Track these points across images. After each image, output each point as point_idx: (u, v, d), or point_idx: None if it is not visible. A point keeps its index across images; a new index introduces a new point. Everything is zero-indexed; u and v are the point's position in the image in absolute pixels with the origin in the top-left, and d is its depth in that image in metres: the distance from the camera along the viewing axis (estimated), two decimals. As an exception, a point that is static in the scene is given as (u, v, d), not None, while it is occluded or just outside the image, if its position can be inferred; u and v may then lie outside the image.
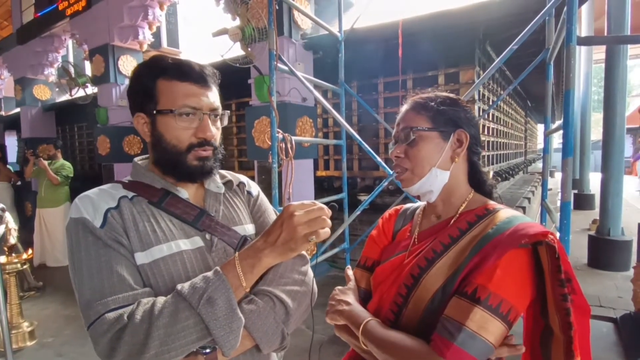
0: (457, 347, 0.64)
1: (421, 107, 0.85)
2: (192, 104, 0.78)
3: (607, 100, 4.26)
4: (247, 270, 0.72)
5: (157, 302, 0.68)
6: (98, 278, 0.70)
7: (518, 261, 0.69)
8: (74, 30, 6.29)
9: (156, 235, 0.76)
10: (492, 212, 0.79)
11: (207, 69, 0.83)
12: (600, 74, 19.29)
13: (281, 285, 0.79)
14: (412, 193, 0.87)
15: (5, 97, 9.95)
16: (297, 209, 0.71)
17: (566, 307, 0.66)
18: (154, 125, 0.80)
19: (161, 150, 0.81)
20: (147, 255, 0.74)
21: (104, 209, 0.75)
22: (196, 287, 0.69)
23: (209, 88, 0.82)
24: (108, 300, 0.68)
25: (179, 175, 0.83)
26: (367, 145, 2.89)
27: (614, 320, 3.03)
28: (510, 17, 3.41)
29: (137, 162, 0.88)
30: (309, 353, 0.98)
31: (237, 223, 0.89)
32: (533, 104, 10.63)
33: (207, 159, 0.82)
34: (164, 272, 0.75)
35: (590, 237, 4.45)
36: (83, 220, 0.73)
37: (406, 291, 0.79)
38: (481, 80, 2.59)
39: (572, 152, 1.91)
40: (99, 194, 0.78)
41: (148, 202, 0.80)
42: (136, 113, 0.82)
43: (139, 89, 0.81)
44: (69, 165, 5.02)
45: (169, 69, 0.79)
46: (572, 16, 1.80)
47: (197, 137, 0.80)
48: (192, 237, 0.80)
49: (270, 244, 0.72)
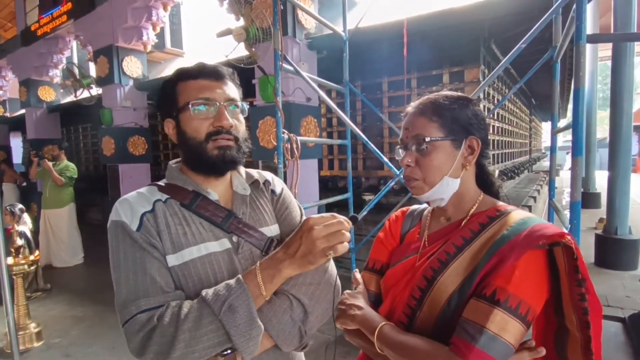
0: (479, 350, 0.64)
1: (433, 113, 0.81)
2: (205, 95, 0.82)
3: (614, 98, 4.23)
4: (267, 280, 0.75)
5: (184, 306, 0.72)
6: (133, 279, 0.74)
7: (535, 262, 0.69)
8: (78, 31, 6.32)
9: (187, 238, 0.80)
10: (504, 214, 0.78)
11: (221, 67, 0.87)
12: (605, 71, 19.22)
13: (298, 285, 0.81)
14: (422, 200, 0.86)
15: (10, 99, 10.02)
16: (317, 222, 0.72)
17: (584, 307, 0.66)
18: (179, 126, 0.85)
19: (186, 147, 0.84)
20: (177, 257, 0.78)
21: (140, 212, 0.79)
22: (219, 294, 0.72)
23: (223, 82, 0.85)
24: (140, 302, 0.73)
25: (203, 168, 0.85)
26: (372, 144, 2.87)
27: (622, 320, 3.00)
28: (515, 15, 3.38)
29: (171, 165, 0.92)
30: (333, 351, 0.98)
31: (263, 224, 0.90)
32: (537, 102, 10.57)
33: (228, 148, 0.84)
34: (193, 274, 0.78)
35: (597, 236, 4.42)
36: (122, 223, 0.78)
37: (420, 294, 0.78)
38: (487, 80, 2.57)
39: (582, 151, 1.89)
40: (137, 197, 0.82)
41: (180, 204, 0.83)
42: (165, 120, 0.88)
43: (163, 98, 0.87)
44: (73, 166, 5.05)
45: (185, 72, 0.85)
46: (581, 14, 1.78)
47: (214, 126, 0.82)
48: (220, 239, 0.83)
49: (290, 256, 0.74)
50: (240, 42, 3.63)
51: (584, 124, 1.90)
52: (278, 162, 2.59)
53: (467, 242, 0.77)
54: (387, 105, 4.89)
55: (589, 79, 8.38)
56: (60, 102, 7.96)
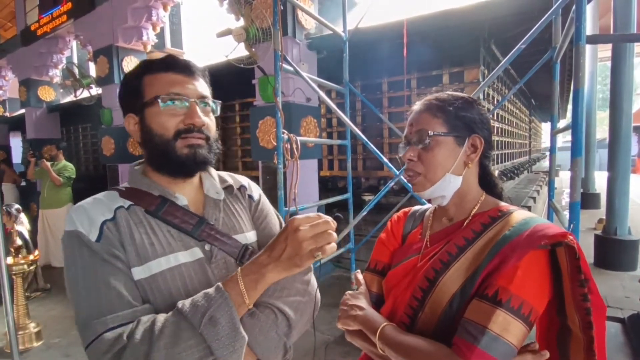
0: (480, 351, 0.64)
1: (437, 109, 0.82)
2: (176, 90, 0.76)
3: (614, 99, 4.23)
4: (251, 286, 0.68)
5: (157, 321, 0.65)
6: (95, 295, 0.67)
7: (538, 262, 0.69)
8: (78, 31, 6.32)
9: (154, 248, 0.73)
10: (506, 214, 0.78)
11: (192, 63, 0.81)
12: (604, 72, 19.20)
13: (283, 297, 0.76)
14: (423, 197, 0.86)
15: (10, 99, 10.02)
16: (303, 223, 0.67)
17: (587, 307, 0.66)
18: (143, 121, 0.78)
19: (151, 145, 0.78)
20: (144, 269, 0.71)
21: (99, 221, 0.72)
22: (197, 305, 0.65)
23: (195, 78, 0.80)
24: (106, 319, 0.65)
25: (171, 168, 0.79)
26: (371, 144, 2.87)
27: (621, 321, 3.01)
28: (515, 15, 3.39)
29: (134, 168, 0.84)
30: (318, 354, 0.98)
31: (238, 231, 0.85)
32: (537, 103, 10.58)
33: (199, 147, 0.78)
34: (162, 287, 0.72)
35: (597, 237, 4.42)
36: (78, 233, 0.70)
37: (422, 294, 0.78)
38: (487, 81, 2.57)
39: (582, 152, 1.89)
40: (94, 204, 0.75)
41: (145, 211, 0.76)
42: (126, 115, 0.81)
43: (126, 91, 0.81)
44: (71, 166, 5.04)
45: (153, 64, 0.79)
46: (581, 15, 1.78)
47: (185, 123, 0.77)
48: (191, 249, 0.77)
49: (275, 259, 0.68)
50: (240, 42, 3.63)
51: (583, 124, 1.90)
52: (278, 162, 2.60)
53: (469, 243, 0.77)
54: (387, 105, 4.89)
55: (589, 79, 8.38)
56: (60, 102, 7.95)
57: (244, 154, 6.14)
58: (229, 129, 6.34)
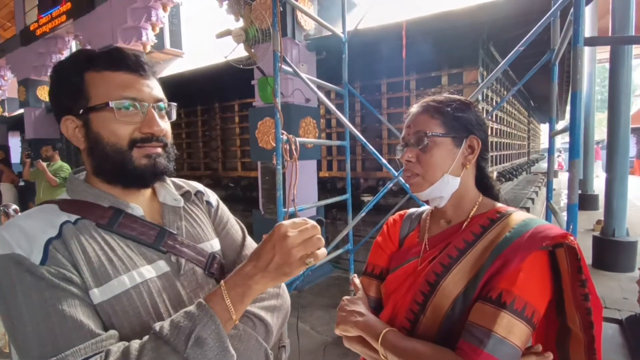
0: (487, 354, 0.64)
1: (435, 110, 0.83)
2: (131, 94, 0.67)
3: (612, 101, 4.25)
4: (237, 300, 0.62)
5: (131, 349, 0.56)
6: (47, 328, 0.56)
7: (539, 263, 0.69)
8: (77, 31, 6.32)
9: (113, 265, 0.64)
10: (505, 215, 0.78)
11: (143, 57, 0.71)
12: (603, 73, 19.28)
13: (257, 302, 0.72)
14: (421, 198, 0.86)
15: (8, 98, 10.03)
16: (290, 228, 0.62)
17: (587, 307, 0.66)
18: (88, 127, 0.68)
19: (101, 155, 0.68)
20: (105, 290, 0.62)
21: (43, 240, 0.61)
22: (180, 326, 0.58)
23: (148, 77, 0.71)
24: (66, 355, 0.55)
25: (127, 180, 0.71)
26: (370, 146, 2.88)
27: (619, 322, 3.01)
28: (514, 17, 3.40)
29: (74, 177, 0.74)
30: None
31: (203, 239, 0.79)
32: (536, 104, 10.61)
33: (158, 155, 0.71)
34: (128, 308, 0.63)
35: (595, 238, 4.43)
36: (15, 257, 0.58)
37: (423, 298, 0.77)
38: (486, 82, 2.58)
39: (579, 154, 1.90)
40: (32, 220, 0.64)
41: (96, 224, 0.67)
42: (63, 117, 0.70)
43: (63, 87, 0.69)
44: (67, 166, 5.02)
45: (96, 59, 0.68)
46: (579, 17, 1.79)
47: (143, 132, 0.69)
48: (155, 262, 0.69)
49: (262, 269, 0.63)
50: (239, 43, 3.63)
51: (581, 126, 1.91)
52: (277, 163, 2.60)
53: (470, 245, 0.77)
54: (386, 106, 4.90)
55: (588, 81, 8.40)
56: (59, 102, 7.95)
57: (243, 154, 6.14)
58: (228, 129, 6.35)
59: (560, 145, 12.95)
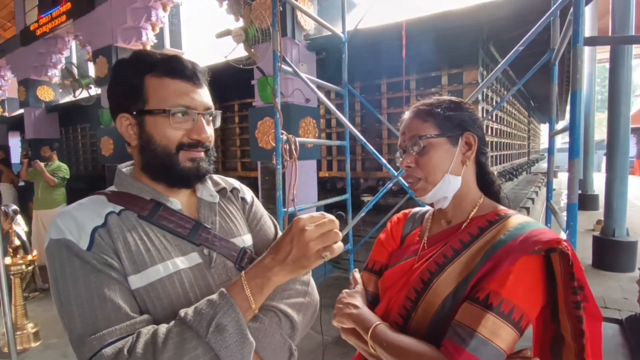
0: (468, 353, 0.64)
1: (426, 113, 0.84)
2: (186, 102, 0.72)
3: (612, 101, 4.25)
4: (256, 290, 0.66)
5: (159, 332, 0.61)
6: (90, 308, 0.62)
7: (531, 268, 0.68)
8: (77, 31, 6.32)
9: (150, 254, 0.69)
10: (503, 218, 0.78)
11: (198, 66, 0.76)
12: (603, 73, 19.25)
13: (285, 299, 0.74)
14: (426, 201, 0.86)
15: (8, 98, 10.02)
16: (308, 222, 0.65)
17: (578, 315, 0.65)
18: (142, 126, 0.73)
19: (150, 154, 0.73)
20: (142, 278, 0.67)
21: (90, 228, 0.67)
22: (202, 313, 0.62)
23: (201, 86, 0.76)
24: (104, 334, 0.60)
25: (172, 180, 0.76)
26: (370, 145, 2.88)
27: (619, 322, 3.01)
28: (514, 17, 3.40)
29: (122, 170, 0.80)
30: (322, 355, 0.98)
31: (235, 234, 0.83)
32: (536, 104, 10.60)
33: (202, 160, 0.76)
34: (161, 295, 0.68)
35: (595, 238, 4.43)
36: (66, 242, 0.65)
37: (416, 296, 0.78)
38: (485, 82, 2.57)
39: (579, 154, 1.90)
40: (81, 210, 0.70)
41: (138, 216, 0.72)
42: (120, 114, 0.74)
43: (123, 87, 0.74)
44: (65, 166, 5.01)
45: (158, 64, 0.72)
46: (578, 17, 1.79)
47: (191, 138, 0.74)
48: (188, 254, 0.74)
49: (280, 262, 0.66)
50: (239, 43, 3.63)
51: (581, 126, 1.91)
52: (277, 163, 2.60)
53: (465, 246, 0.77)
54: (386, 106, 4.89)
55: (588, 81, 8.40)
56: (59, 102, 7.95)
57: (243, 154, 6.13)
58: (228, 129, 6.34)
59: (561, 145, 12.92)
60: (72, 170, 5.68)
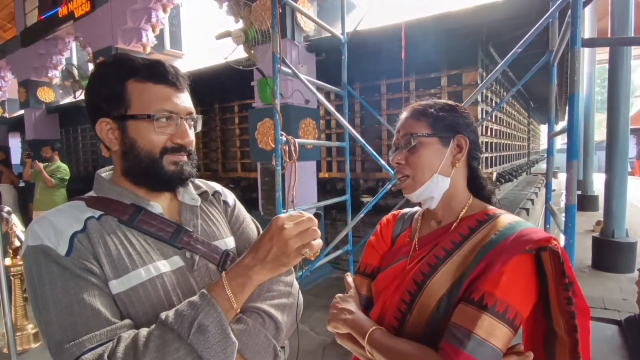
0: (466, 355, 0.65)
1: (420, 113, 0.85)
2: (169, 107, 0.73)
3: (611, 102, 4.25)
4: (238, 290, 0.67)
5: (140, 336, 0.60)
6: (68, 314, 0.61)
7: (523, 267, 0.70)
8: (77, 32, 6.33)
9: (132, 258, 0.69)
10: (493, 218, 0.79)
11: (180, 71, 0.77)
12: (603, 74, 19.26)
13: (268, 300, 0.74)
14: (413, 200, 0.87)
15: (9, 99, 10.03)
16: (286, 221, 0.67)
17: (571, 310, 0.67)
18: (124, 131, 0.73)
19: (134, 158, 0.73)
20: (123, 282, 0.67)
21: (69, 233, 0.66)
22: (183, 314, 0.62)
23: (183, 91, 0.76)
24: (83, 340, 0.59)
25: (155, 184, 0.76)
26: (369, 147, 2.88)
27: (618, 323, 3.01)
28: (513, 19, 3.40)
29: (101, 175, 0.80)
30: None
31: (217, 237, 0.83)
32: (536, 105, 10.60)
33: (185, 163, 0.77)
34: (143, 300, 0.68)
35: (594, 239, 4.44)
36: (44, 248, 0.64)
37: (410, 298, 0.79)
38: (484, 83, 2.58)
39: (578, 155, 1.90)
40: (60, 216, 0.70)
41: (118, 220, 0.72)
42: (100, 118, 0.74)
43: (104, 91, 0.73)
44: (65, 167, 5.01)
45: (140, 69, 0.72)
46: (576, 19, 1.79)
47: (175, 142, 0.74)
48: (170, 257, 0.74)
49: (260, 260, 0.67)
50: (239, 44, 3.64)
51: (579, 127, 1.91)
52: (276, 164, 2.60)
53: (457, 246, 0.78)
54: (386, 107, 4.90)
55: (587, 82, 8.41)
56: (60, 103, 7.96)
57: (243, 155, 6.14)
58: (228, 130, 6.35)
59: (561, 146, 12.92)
60: (73, 171, 5.68)
